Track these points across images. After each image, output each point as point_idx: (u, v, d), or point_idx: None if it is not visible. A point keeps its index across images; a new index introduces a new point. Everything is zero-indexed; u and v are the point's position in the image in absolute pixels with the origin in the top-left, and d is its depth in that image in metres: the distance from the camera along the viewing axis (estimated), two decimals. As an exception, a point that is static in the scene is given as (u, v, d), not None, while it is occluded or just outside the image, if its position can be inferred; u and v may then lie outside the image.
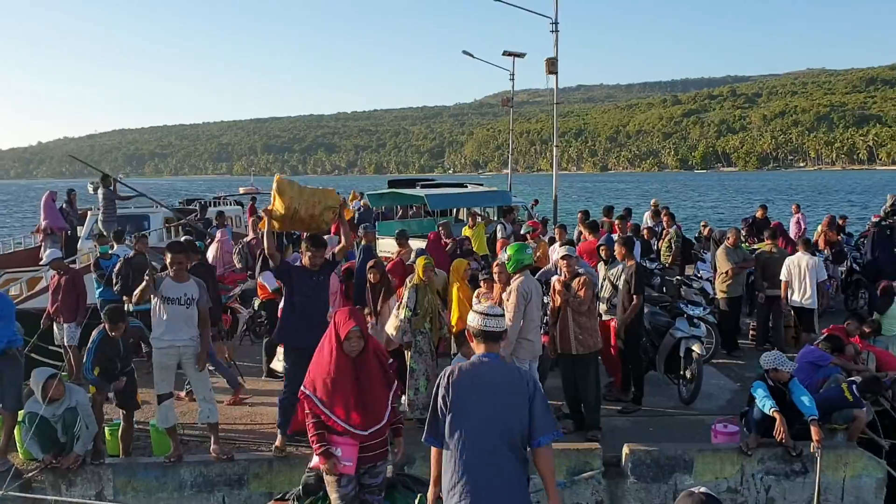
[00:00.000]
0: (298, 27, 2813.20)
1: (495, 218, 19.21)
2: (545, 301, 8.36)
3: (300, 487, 5.70)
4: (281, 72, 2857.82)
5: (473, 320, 4.51)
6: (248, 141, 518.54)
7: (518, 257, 7.63)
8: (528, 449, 4.38)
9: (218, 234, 14.66)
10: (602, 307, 8.89)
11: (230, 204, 27.89)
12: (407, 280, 8.75)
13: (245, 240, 14.39)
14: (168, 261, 6.95)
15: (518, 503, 4.33)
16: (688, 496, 2.84)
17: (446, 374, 4.46)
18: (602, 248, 9.38)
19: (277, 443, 7.03)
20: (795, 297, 10.83)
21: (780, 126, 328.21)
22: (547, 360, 8.64)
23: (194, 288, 6.97)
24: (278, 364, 8.24)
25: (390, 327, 8.27)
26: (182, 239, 13.36)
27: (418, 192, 19.44)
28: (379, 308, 9.02)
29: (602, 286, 8.97)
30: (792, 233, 16.78)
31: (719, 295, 11.38)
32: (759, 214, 16.99)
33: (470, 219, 16.26)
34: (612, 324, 8.79)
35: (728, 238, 11.68)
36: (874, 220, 17.54)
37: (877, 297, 11.54)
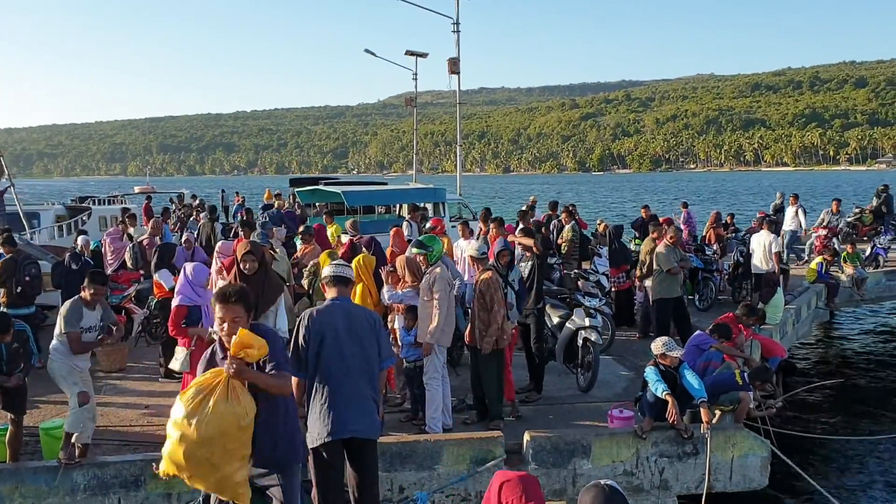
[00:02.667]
0: (196, 24, 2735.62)
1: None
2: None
3: (200, 500, 5.60)
4: (178, 70, 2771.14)
5: (328, 269, 5.70)
6: (143, 140, 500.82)
7: (438, 248, 7.84)
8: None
9: (107, 232, 14.16)
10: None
11: (124, 203, 26.93)
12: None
13: (138, 239, 13.92)
14: (90, 292, 6.91)
15: (372, 417, 5.45)
16: (593, 487, 2.87)
17: (306, 316, 5.45)
18: (503, 253, 8.64)
19: None
20: (762, 267, 13.34)
21: (671, 129, 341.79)
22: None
23: (100, 312, 7.07)
24: (176, 364, 8.03)
25: None
26: (77, 238, 12.85)
27: (337, 189, 19.48)
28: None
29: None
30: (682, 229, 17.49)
31: (653, 296, 11.17)
32: (643, 214, 17.38)
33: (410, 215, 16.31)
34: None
35: (670, 237, 11.40)
36: (759, 216, 18.55)
37: (761, 288, 12.20)
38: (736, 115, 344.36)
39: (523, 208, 15.95)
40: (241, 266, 6.63)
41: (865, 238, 20.67)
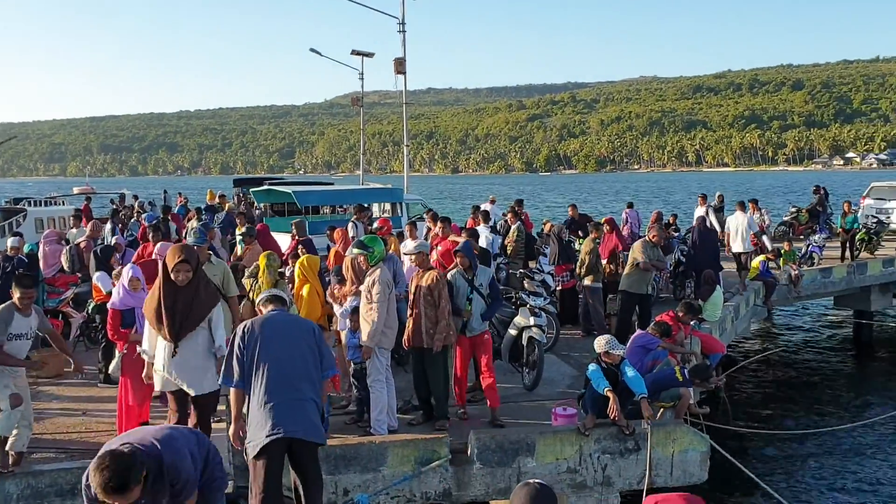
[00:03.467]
0: (137, 22, 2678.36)
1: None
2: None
3: None
4: (119, 68, 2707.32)
5: (262, 297, 5.88)
6: (84, 140, 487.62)
7: (379, 249, 7.76)
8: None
9: (44, 235, 13.78)
10: None
11: (63, 204, 26.25)
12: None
13: (76, 241, 13.57)
14: (17, 296, 6.62)
15: (313, 420, 5.41)
16: (524, 486, 2.96)
17: (244, 327, 5.49)
18: (458, 254, 8.36)
19: None
20: (737, 247, 15.32)
21: (616, 130, 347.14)
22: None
23: (35, 319, 6.80)
24: (111, 368, 7.88)
25: None
26: (10, 241, 12.45)
27: (287, 189, 19.34)
28: None
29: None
30: (623, 229, 17.78)
31: (621, 287, 11.29)
32: (571, 213, 17.38)
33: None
34: None
35: (653, 236, 11.50)
36: (699, 215, 18.95)
37: (700, 286, 12.45)
38: (678, 116, 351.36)
39: (485, 207, 16.16)
40: (174, 276, 6.07)
41: (801, 237, 21.31)
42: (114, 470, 3.59)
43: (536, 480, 3.01)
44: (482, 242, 12.62)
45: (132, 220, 19.01)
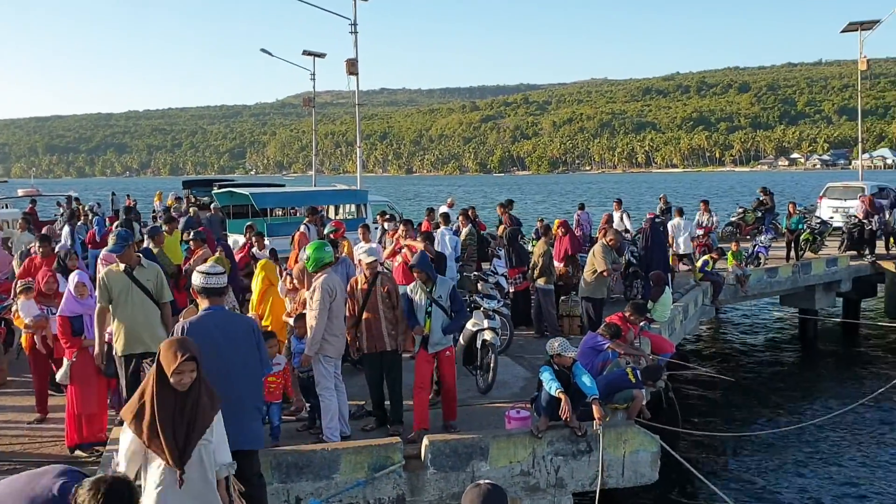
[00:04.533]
0: (85, 20, 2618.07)
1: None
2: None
3: None
4: (65, 68, 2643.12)
5: (197, 279, 5.42)
6: (28, 141, 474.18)
7: (317, 256, 7.59)
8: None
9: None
10: None
11: (6, 207, 25.53)
12: None
13: (29, 246, 13.19)
14: None
15: (253, 428, 5.39)
16: (474, 488, 2.96)
17: (179, 329, 5.28)
18: (415, 270, 8.06)
19: None
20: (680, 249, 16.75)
21: (567, 132, 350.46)
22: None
23: None
24: (58, 375, 7.69)
25: None
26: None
27: (245, 191, 19.24)
28: None
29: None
30: (576, 230, 17.97)
31: (582, 294, 11.37)
32: (499, 212, 17.74)
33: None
34: None
35: (609, 239, 11.56)
36: (649, 217, 19.24)
37: (650, 287, 12.62)
38: (628, 118, 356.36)
39: (444, 210, 16.21)
40: (175, 379, 4.27)
41: (748, 237, 21.78)
42: None
43: (487, 481, 3.02)
44: (442, 246, 12.62)
45: (79, 223, 18.55)
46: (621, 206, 20.57)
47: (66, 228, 15.52)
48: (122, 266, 7.16)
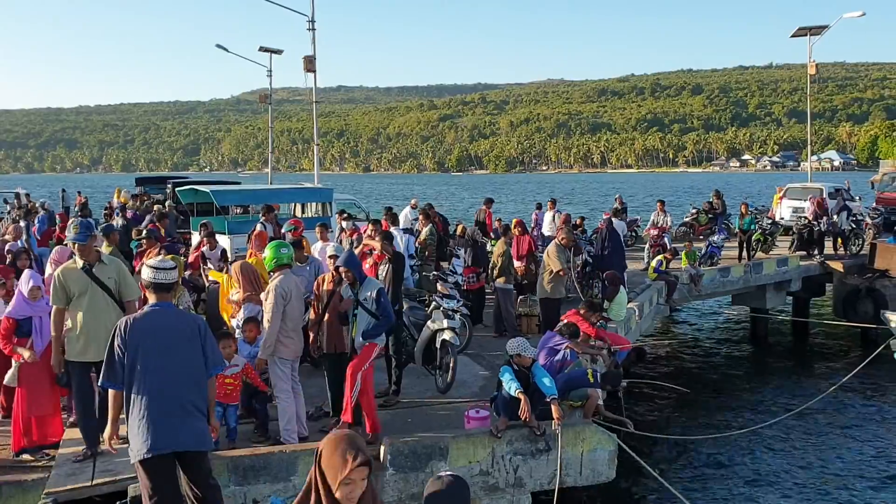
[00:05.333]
0: (32, 12, 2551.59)
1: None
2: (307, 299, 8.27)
3: None
4: (12, 61, 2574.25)
5: (146, 273, 5.29)
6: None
7: (275, 255, 7.48)
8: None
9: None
10: None
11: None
12: None
13: None
14: None
15: (198, 428, 5.15)
16: (436, 480, 2.95)
17: (122, 324, 5.12)
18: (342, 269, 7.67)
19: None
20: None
21: (525, 132, 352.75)
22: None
23: None
24: (7, 377, 7.49)
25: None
26: None
27: (206, 188, 19.13)
28: None
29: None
30: (533, 230, 18.13)
31: (540, 294, 11.38)
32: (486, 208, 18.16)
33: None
34: None
35: (562, 238, 11.61)
36: (605, 217, 19.43)
37: (606, 287, 12.74)
38: (584, 119, 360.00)
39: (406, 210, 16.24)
40: (342, 492, 2.90)
41: (701, 237, 22.14)
42: None
43: (449, 473, 3.00)
44: (396, 246, 12.58)
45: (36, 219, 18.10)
46: (555, 206, 20.72)
47: (23, 224, 15.13)
48: (79, 263, 6.65)
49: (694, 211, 24.59)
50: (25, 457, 7.14)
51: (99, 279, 6.64)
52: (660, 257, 16.25)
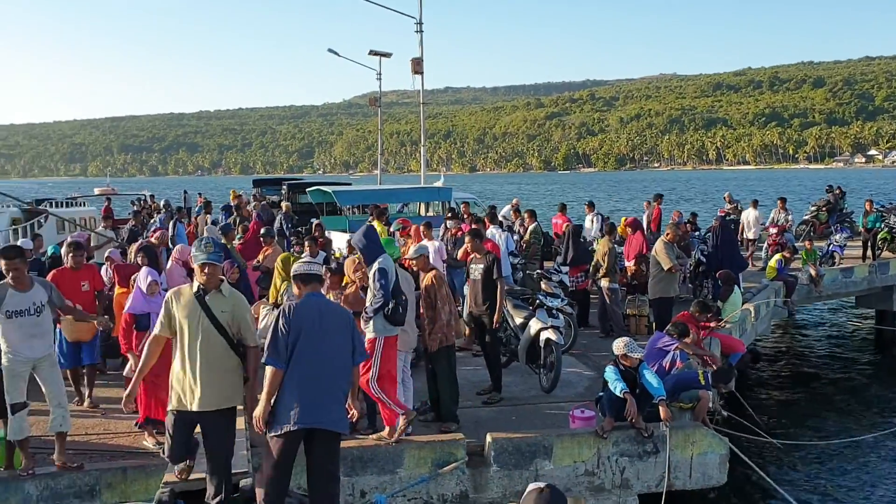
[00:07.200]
0: (157, 22, 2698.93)
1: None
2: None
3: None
4: (139, 68, 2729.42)
5: (298, 267, 5.72)
6: (104, 140, 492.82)
7: (388, 251, 7.72)
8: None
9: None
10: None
11: (84, 205, 26.49)
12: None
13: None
14: (3, 268, 6.41)
15: (341, 411, 5.53)
16: (534, 489, 2.94)
17: (286, 310, 5.44)
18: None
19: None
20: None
21: (635, 128, 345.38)
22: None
23: (41, 292, 6.53)
24: (130, 371, 7.97)
25: None
26: (20, 242, 12.52)
27: (329, 189, 20.10)
28: None
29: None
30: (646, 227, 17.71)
31: (652, 294, 11.25)
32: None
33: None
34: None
35: (667, 234, 11.55)
36: (720, 214, 18.82)
37: (719, 287, 12.34)
38: (698, 114, 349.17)
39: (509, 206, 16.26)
40: None
41: (822, 235, 21.10)
42: None
43: (547, 484, 2.98)
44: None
45: (151, 221, 19.15)
46: (594, 209, 19.54)
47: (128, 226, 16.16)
48: (194, 286, 5.61)
49: (814, 208, 23.47)
50: (147, 444, 7.48)
51: (210, 310, 5.53)
52: (778, 256, 15.59)
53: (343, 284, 8.89)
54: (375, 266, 7.21)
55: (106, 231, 17.72)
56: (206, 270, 5.50)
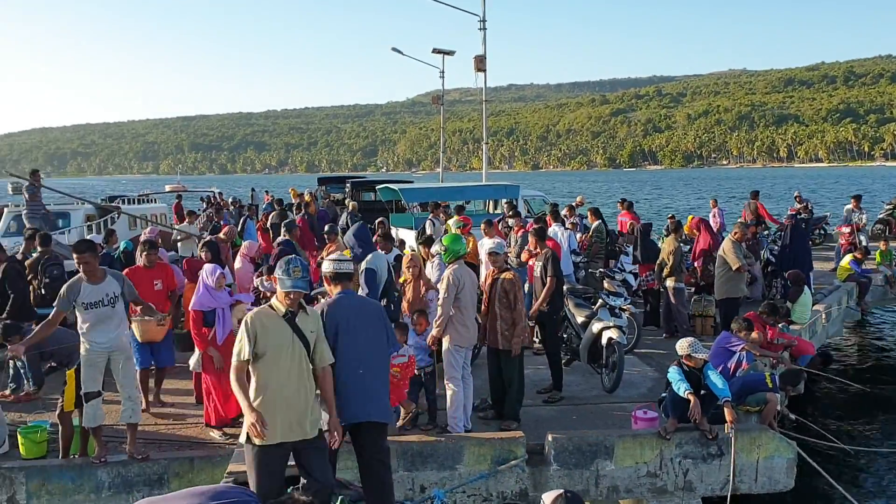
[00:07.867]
0: (225, 23, 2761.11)
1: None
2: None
3: None
4: (208, 69, 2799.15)
5: (327, 266, 5.79)
6: (175, 139, 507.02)
7: (454, 248, 7.78)
8: None
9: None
10: None
11: (155, 202, 27.25)
12: None
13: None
14: (75, 262, 6.70)
15: (383, 402, 5.71)
16: (555, 494, 2.98)
17: (322, 310, 5.53)
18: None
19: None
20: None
21: (703, 125, 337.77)
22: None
23: (114, 284, 6.78)
24: (191, 363, 8.17)
25: None
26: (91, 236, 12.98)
27: (396, 187, 20.39)
28: None
29: None
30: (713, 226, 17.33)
31: (719, 295, 11.11)
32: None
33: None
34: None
35: (734, 233, 11.40)
36: (790, 213, 18.30)
37: (789, 287, 12.01)
38: (769, 110, 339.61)
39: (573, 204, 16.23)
40: None
41: (898, 235, 20.34)
42: None
43: (566, 489, 3.09)
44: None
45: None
46: (630, 210, 18.73)
47: (246, 222, 16.71)
48: (281, 309, 5.14)
49: (889, 206, 22.60)
50: (213, 434, 7.71)
51: (302, 332, 5.17)
52: (850, 256, 15.09)
53: (402, 281, 8.99)
54: (363, 265, 7.67)
55: (190, 227, 18.31)
56: (291, 296, 5.09)
